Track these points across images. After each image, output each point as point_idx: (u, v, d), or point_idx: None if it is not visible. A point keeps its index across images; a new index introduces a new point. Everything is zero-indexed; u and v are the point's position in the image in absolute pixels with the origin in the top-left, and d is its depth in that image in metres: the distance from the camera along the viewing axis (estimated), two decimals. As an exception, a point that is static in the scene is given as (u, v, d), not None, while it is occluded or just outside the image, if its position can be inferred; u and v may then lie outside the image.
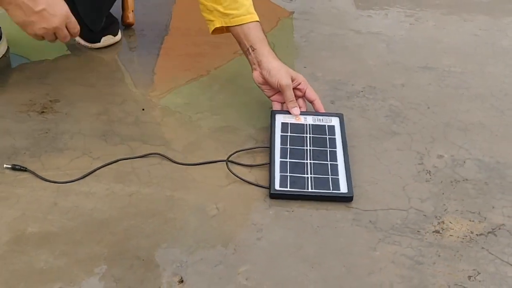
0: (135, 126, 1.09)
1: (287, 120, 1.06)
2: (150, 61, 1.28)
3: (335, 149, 1.01)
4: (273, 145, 1.01)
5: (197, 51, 1.32)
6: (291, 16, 1.49)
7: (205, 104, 1.16)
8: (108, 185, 0.96)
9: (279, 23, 1.46)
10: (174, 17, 1.45)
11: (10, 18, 1.38)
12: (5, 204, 0.91)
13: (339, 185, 0.95)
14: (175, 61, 1.28)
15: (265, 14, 1.49)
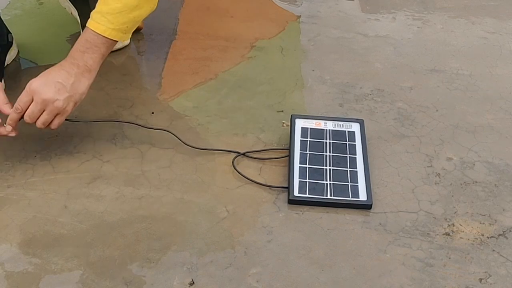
0: (144, 129, 1.09)
1: (307, 125, 1.06)
2: (159, 65, 1.28)
3: (355, 156, 1.01)
4: (292, 150, 1.01)
5: (205, 55, 1.32)
6: (299, 20, 1.49)
7: (214, 108, 1.16)
8: (118, 188, 0.96)
9: (286, 27, 1.46)
10: (182, 21, 1.46)
11: (20, 23, 1.40)
12: (16, 206, 0.92)
13: (358, 192, 0.95)
14: (183, 65, 1.29)
15: (273, 18, 1.50)
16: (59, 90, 0.93)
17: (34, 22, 1.44)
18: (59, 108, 0.93)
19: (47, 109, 0.93)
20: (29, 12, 1.47)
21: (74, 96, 0.95)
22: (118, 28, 0.96)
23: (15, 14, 1.44)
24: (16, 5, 1.48)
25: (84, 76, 0.96)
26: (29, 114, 0.93)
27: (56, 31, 1.39)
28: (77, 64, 0.95)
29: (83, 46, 0.96)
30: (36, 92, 0.92)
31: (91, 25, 0.96)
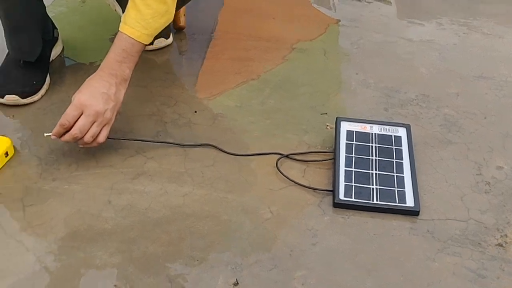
0: (187, 127, 1.09)
1: (352, 128, 1.04)
2: (201, 65, 1.28)
3: (401, 161, 0.99)
4: (337, 153, 0.99)
5: (247, 55, 1.32)
6: (339, 23, 1.48)
7: (257, 108, 1.15)
8: (161, 185, 0.96)
9: (327, 29, 1.45)
10: (224, 22, 1.45)
11: (64, 20, 1.42)
12: (61, 200, 0.92)
13: (405, 198, 0.92)
14: (225, 65, 1.28)
15: (314, 21, 1.49)
16: (106, 101, 0.93)
17: (78, 19, 1.45)
18: (108, 119, 0.94)
19: (97, 121, 0.93)
20: (73, 10, 1.49)
21: (117, 105, 0.96)
22: (151, 33, 0.98)
23: (60, 11, 1.46)
24: (61, 2, 1.50)
25: (122, 85, 0.97)
26: (80, 127, 0.92)
27: (99, 29, 1.40)
28: (116, 74, 0.96)
29: (120, 55, 0.96)
30: (87, 106, 0.92)
31: (126, 30, 0.96)
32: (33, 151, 1.01)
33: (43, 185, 0.95)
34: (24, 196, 0.93)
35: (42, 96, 1.15)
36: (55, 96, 1.16)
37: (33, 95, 1.12)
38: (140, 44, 0.97)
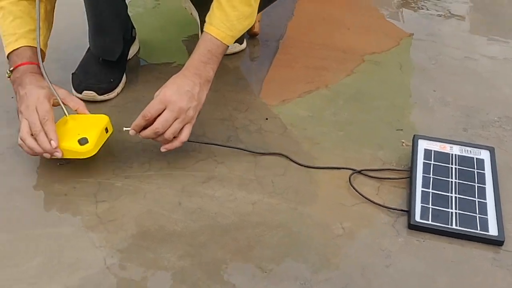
0: (258, 134, 1.07)
1: (430, 147, 1.00)
2: (274, 71, 1.27)
3: (484, 186, 0.93)
4: (414, 172, 0.95)
5: (320, 64, 1.29)
6: (412, 37, 1.43)
7: (329, 119, 1.12)
8: (231, 190, 0.94)
9: (402, 43, 1.40)
10: (296, 29, 1.44)
11: (140, 20, 1.44)
12: (133, 198, 0.93)
13: (488, 226, 0.87)
14: (298, 73, 1.26)
15: (388, 33, 1.44)
16: (190, 99, 0.93)
17: (153, 20, 1.47)
18: (190, 117, 0.93)
19: (180, 118, 0.92)
20: (149, 11, 1.52)
21: (199, 105, 0.96)
22: (235, 35, 0.97)
23: (137, 11, 1.49)
24: (138, 2, 1.53)
25: (205, 86, 0.97)
26: (163, 122, 0.91)
27: (173, 31, 1.42)
28: (200, 74, 0.95)
29: (205, 56, 0.96)
30: (172, 101, 0.91)
31: (211, 30, 0.96)
32: (108, 148, 1.02)
33: (115, 181, 0.96)
34: (97, 192, 0.94)
35: (117, 94, 1.16)
36: (129, 95, 1.17)
37: (109, 92, 1.14)
38: (224, 46, 0.97)
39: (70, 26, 1.34)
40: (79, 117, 0.98)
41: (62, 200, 0.92)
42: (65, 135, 0.93)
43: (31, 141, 0.91)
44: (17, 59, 0.97)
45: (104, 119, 0.98)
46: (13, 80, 0.97)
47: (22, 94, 0.94)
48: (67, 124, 0.96)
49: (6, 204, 0.91)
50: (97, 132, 0.94)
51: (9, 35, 0.98)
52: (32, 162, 0.99)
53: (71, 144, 0.92)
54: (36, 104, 0.92)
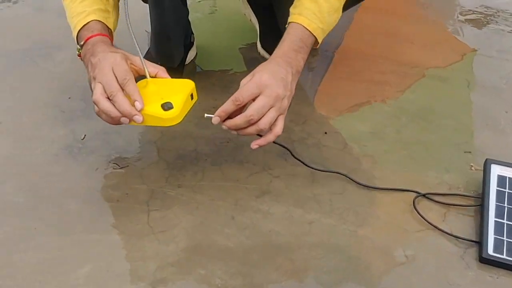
0: (316, 149, 1.02)
1: (505, 173, 0.92)
2: (333, 84, 1.22)
3: None
4: (486, 200, 0.88)
5: (382, 78, 1.23)
6: (475, 53, 1.35)
7: (391, 137, 1.06)
8: (287, 207, 0.90)
9: (469, 59, 1.32)
10: (358, 41, 1.38)
11: (198, 26, 1.42)
12: (185, 209, 0.90)
13: None
14: (359, 87, 1.21)
15: (455, 49, 1.37)
16: (285, 87, 0.83)
17: (211, 26, 1.45)
18: (285, 107, 0.84)
19: (275, 106, 0.82)
20: (207, 16, 1.50)
21: (292, 95, 0.86)
22: (325, 29, 0.91)
23: (195, 16, 1.47)
24: (197, 7, 1.52)
25: (296, 77, 0.88)
26: (258, 109, 0.81)
27: (230, 38, 1.39)
28: (291, 63, 0.87)
29: (297, 45, 0.88)
30: (269, 86, 0.81)
31: (302, 21, 0.89)
32: (161, 154, 1.00)
33: (168, 190, 0.93)
34: (149, 199, 0.91)
35: (173, 100, 1.14)
36: (185, 101, 1.15)
37: (165, 98, 1.12)
38: (313, 38, 0.90)
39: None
40: (160, 81, 0.87)
41: (114, 206, 0.90)
42: (146, 99, 0.82)
43: (106, 103, 0.81)
44: (87, 32, 0.91)
45: (189, 84, 0.87)
46: (84, 54, 0.90)
47: (94, 61, 0.85)
48: (148, 88, 0.85)
49: (59, 208, 0.90)
50: (182, 97, 0.83)
51: (78, 14, 0.93)
52: (86, 165, 0.98)
53: (153, 109, 0.81)
54: (112, 66, 0.82)
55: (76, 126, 1.07)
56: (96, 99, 0.82)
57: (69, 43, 1.36)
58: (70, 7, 0.95)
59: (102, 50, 0.86)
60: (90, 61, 0.87)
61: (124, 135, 1.05)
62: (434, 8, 1.59)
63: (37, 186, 0.94)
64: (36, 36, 1.39)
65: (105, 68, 0.82)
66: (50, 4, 1.56)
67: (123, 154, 1.01)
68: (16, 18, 1.49)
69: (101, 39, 0.90)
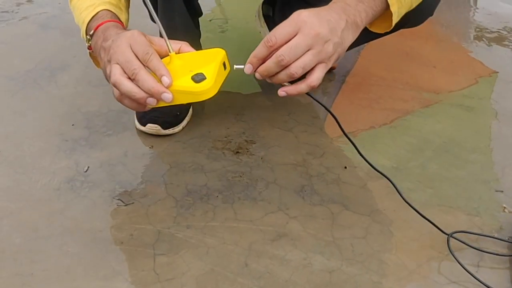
0: (335, 185, 0.95)
1: None
2: (352, 112, 1.15)
3: None
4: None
5: (404, 107, 1.16)
6: (495, 76, 1.28)
7: (416, 173, 0.99)
8: (305, 253, 0.83)
9: (498, 87, 1.25)
10: (379, 65, 1.31)
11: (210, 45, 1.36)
12: (195, 253, 0.83)
13: None
14: (379, 115, 1.14)
15: (481, 74, 1.30)
16: (332, 30, 0.69)
17: (222, 47, 1.38)
18: (328, 53, 0.69)
19: (314, 49, 0.68)
20: (219, 36, 1.44)
21: (341, 46, 0.71)
22: (399, 5, 0.77)
23: (206, 36, 1.41)
24: (208, 27, 1.46)
25: (352, 28, 0.72)
26: (291, 48, 0.67)
27: (242, 59, 1.32)
28: (349, 11, 0.72)
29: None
30: (308, 24, 0.67)
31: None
32: (169, 190, 0.94)
33: (176, 231, 0.86)
34: (156, 242, 0.84)
35: (183, 128, 1.08)
36: (196, 130, 1.08)
37: (174, 126, 1.06)
38: (383, 1, 0.75)
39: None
40: (186, 55, 0.76)
41: (118, 249, 0.83)
42: (173, 75, 0.70)
43: (128, 83, 0.70)
44: (97, 21, 0.82)
45: (220, 52, 0.75)
46: (95, 43, 0.81)
47: (107, 45, 0.75)
48: (173, 63, 0.74)
49: (58, 249, 0.83)
50: (214, 66, 0.72)
51: (86, 8, 0.84)
52: (89, 201, 0.91)
53: (183, 83, 0.70)
54: (129, 42, 0.71)
55: (79, 156, 1.01)
56: (115, 80, 0.71)
57: (73, 64, 1.31)
58: (77, 6, 0.87)
59: (115, 33, 0.77)
60: (102, 46, 0.77)
61: (129, 167, 0.99)
62: (455, 28, 1.53)
63: (36, 225, 0.87)
64: (40, 56, 1.33)
65: (121, 46, 0.71)
66: (56, 22, 1.51)
67: (128, 188, 0.94)
68: (21, 36, 1.44)
69: (113, 24, 0.80)
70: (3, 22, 1.52)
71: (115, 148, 1.03)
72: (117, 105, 1.15)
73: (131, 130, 1.08)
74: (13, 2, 1.64)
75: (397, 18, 0.79)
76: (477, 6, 1.71)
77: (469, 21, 1.60)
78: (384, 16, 0.79)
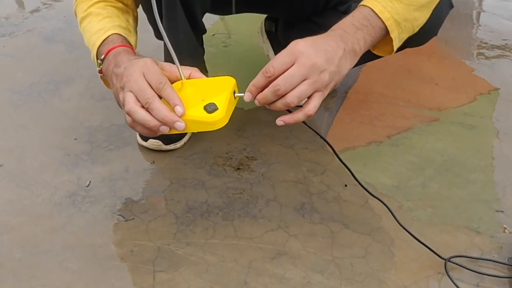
0: (335, 204, 0.96)
1: None
2: (353, 130, 1.15)
3: None
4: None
5: (405, 125, 1.16)
6: (496, 93, 1.28)
7: (417, 191, 0.99)
8: (305, 272, 0.83)
9: (499, 105, 1.25)
10: (380, 82, 1.32)
11: (212, 60, 1.36)
12: (194, 270, 0.83)
13: None
14: (381, 133, 1.14)
15: (483, 92, 1.30)
16: (328, 60, 0.70)
17: (225, 62, 1.40)
18: (323, 82, 0.71)
19: (310, 79, 0.70)
20: (221, 50, 1.45)
21: (338, 74, 0.73)
22: (398, 22, 0.77)
23: (208, 51, 1.41)
24: (211, 42, 1.47)
25: (350, 56, 0.74)
26: (287, 77, 0.69)
27: (244, 75, 1.32)
28: (347, 38, 0.74)
29: (359, 22, 0.75)
30: (304, 54, 0.69)
31: (374, 6, 0.76)
32: (170, 206, 0.94)
33: (176, 248, 0.86)
34: (156, 259, 0.84)
35: (184, 144, 1.08)
36: (197, 145, 1.09)
37: (176, 142, 1.06)
38: (383, 27, 0.76)
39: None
40: (196, 82, 0.77)
41: (118, 265, 0.83)
42: (185, 103, 0.72)
43: (142, 112, 0.72)
44: (108, 46, 0.84)
45: (230, 81, 0.76)
46: (106, 67, 0.83)
47: (119, 71, 0.77)
48: (184, 90, 0.76)
49: (58, 265, 0.83)
50: (226, 96, 0.73)
51: (97, 31, 0.86)
52: (90, 216, 0.92)
53: (195, 112, 0.72)
54: (142, 71, 0.73)
55: (81, 171, 1.01)
56: (129, 109, 0.72)
57: (77, 78, 1.32)
58: (87, 28, 0.90)
59: (127, 59, 0.79)
60: (114, 72, 0.79)
61: (131, 183, 0.99)
62: (458, 45, 1.53)
63: (37, 240, 0.87)
64: (44, 69, 1.34)
65: (134, 74, 0.73)
66: (60, 35, 1.52)
67: (129, 204, 0.94)
68: (26, 48, 1.45)
69: (124, 49, 0.83)
70: (8, 34, 1.53)
71: (117, 163, 1.04)
72: (120, 120, 1.16)
73: (133, 145, 1.08)
74: (18, 15, 1.66)
75: (399, 43, 0.80)
76: (480, 23, 1.71)
77: (471, 38, 1.60)
78: (385, 41, 0.80)
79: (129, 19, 0.94)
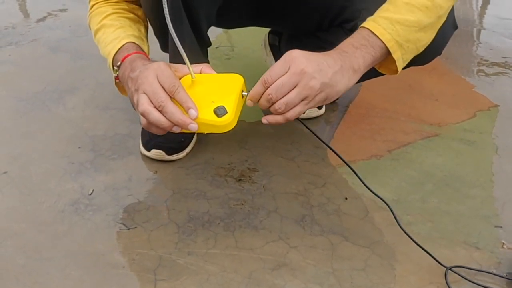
0: (336, 216, 0.96)
1: None
2: (354, 143, 1.16)
3: None
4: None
5: (406, 140, 1.18)
6: (496, 110, 1.30)
7: (416, 206, 1.00)
8: (304, 284, 0.83)
9: (499, 122, 1.27)
10: (380, 96, 1.34)
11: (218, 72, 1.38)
12: (195, 280, 0.84)
13: None
14: (381, 147, 1.15)
15: (482, 109, 1.31)
16: (320, 71, 0.74)
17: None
18: (312, 88, 0.73)
19: (299, 86, 0.73)
20: (224, 62, 1.47)
21: (331, 88, 0.75)
22: (400, 44, 0.79)
23: (212, 63, 1.43)
24: (214, 54, 1.49)
25: (347, 72, 0.77)
26: (278, 86, 0.73)
27: (248, 87, 1.35)
28: (345, 56, 0.77)
29: (358, 42, 0.78)
30: (296, 62, 0.73)
31: (374, 28, 0.79)
32: (172, 216, 0.95)
33: (177, 257, 0.87)
34: (157, 268, 0.85)
35: (187, 154, 1.09)
36: (199, 156, 1.10)
37: (179, 152, 1.07)
38: (383, 48, 0.78)
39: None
40: (206, 78, 0.80)
41: (120, 274, 0.84)
42: (195, 100, 0.76)
43: (156, 114, 0.75)
44: (123, 53, 0.89)
45: (239, 80, 0.79)
46: (122, 73, 0.87)
47: (134, 75, 0.81)
48: (194, 88, 0.78)
49: (60, 272, 0.84)
50: (234, 98, 0.76)
51: (112, 41, 0.91)
52: (92, 224, 0.93)
53: (206, 116, 0.75)
54: (156, 73, 0.76)
55: (85, 179, 1.03)
56: (144, 110, 0.76)
57: (82, 87, 1.34)
58: (102, 39, 0.95)
59: (142, 64, 0.83)
60: (129, 76, 0.83)
61: (133, 192, 1.00)
62: (459, 62, 1.55)
63: (40, 247, 0.88)
64: (49, 78, 1.36)
65: (148, 77, 0.77)
66: (66, 45, 1.54)
67: (131, 213, 0.95)
68: (31, 57, 1.47)
69: (138, 56, 0.88)
70: (14, 43, 1.55)
71: (120, 172, 1.05)
72: (123, 129, 1.18)
73: (136, 155, 1.10)
74: (24, 24, 1.68)
75: (403, 63, 0.82)
76: (480, 41, 1.74)
77: (472, 55, 1.63)
78: (390, 59, 0.81)
79: (141, 28, 1.00)
